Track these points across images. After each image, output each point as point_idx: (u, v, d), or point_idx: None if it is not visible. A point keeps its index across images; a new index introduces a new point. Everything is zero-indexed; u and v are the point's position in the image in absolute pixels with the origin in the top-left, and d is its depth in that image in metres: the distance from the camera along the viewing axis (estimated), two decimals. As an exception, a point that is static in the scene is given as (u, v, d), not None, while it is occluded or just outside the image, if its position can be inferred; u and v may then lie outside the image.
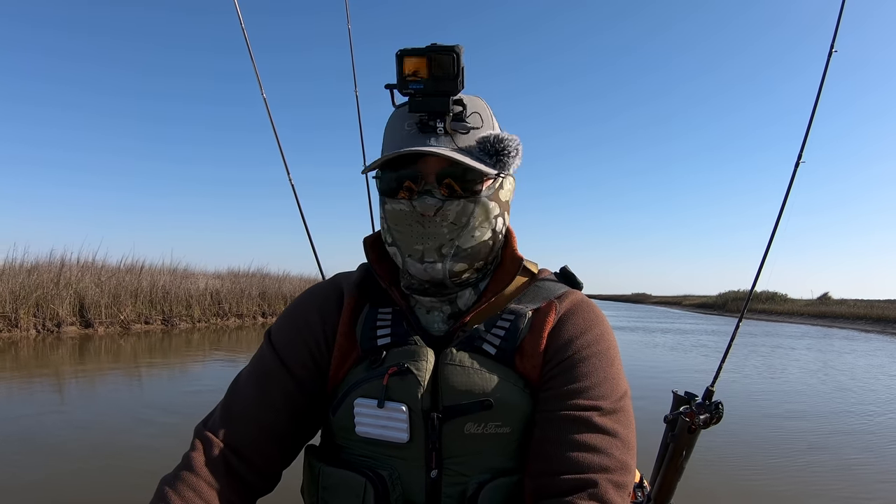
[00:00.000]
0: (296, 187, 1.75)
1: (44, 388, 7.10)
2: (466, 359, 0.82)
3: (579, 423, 0.78)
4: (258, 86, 1.71)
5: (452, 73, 0.78)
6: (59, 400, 6.58)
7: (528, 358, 0.84)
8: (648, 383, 7.60)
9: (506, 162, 0.83)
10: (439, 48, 0.78)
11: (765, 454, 4.74)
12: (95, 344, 11.32)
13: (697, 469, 1.50)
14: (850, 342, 17.31)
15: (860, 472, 4.43)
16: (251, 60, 1.67)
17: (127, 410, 5.89)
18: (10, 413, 5.72)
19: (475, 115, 0.84)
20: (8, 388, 7.06)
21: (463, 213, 0.82)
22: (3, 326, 11.53)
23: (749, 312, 1.73)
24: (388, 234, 0.87)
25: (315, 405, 0.90)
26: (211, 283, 16.16)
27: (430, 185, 0.81)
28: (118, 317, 13.35)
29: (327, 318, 0.90)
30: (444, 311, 0.88)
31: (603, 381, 0.81)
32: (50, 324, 12.26)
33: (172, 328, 14.19)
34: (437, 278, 0.83)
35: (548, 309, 0.87)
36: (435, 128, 0.80)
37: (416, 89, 0.80)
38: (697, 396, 1.49)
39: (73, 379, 7.72)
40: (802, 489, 4.00)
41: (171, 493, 0.78)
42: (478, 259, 0.86)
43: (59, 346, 10.93)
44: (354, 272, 0.97)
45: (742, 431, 5.36)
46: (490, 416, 0.80)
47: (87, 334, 12.46)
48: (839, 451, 4.99)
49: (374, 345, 0.85)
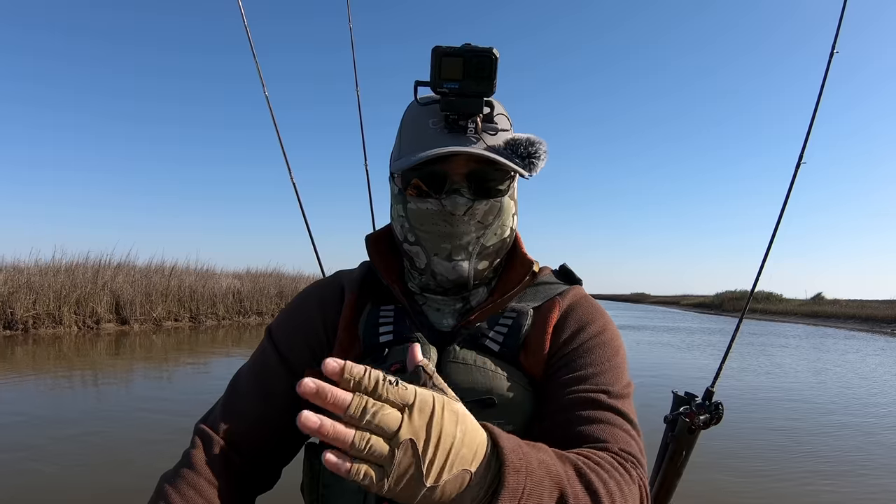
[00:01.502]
0: (299, 190, 1.71)
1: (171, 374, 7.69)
2: (470, 356, 0.78)
3: (589, 404, 0.75)
4: (261, 85, 1.67)
5: (489, 75, 0.76)
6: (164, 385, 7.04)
7: (532, 355, 0.80)
8: (650, 381, 7.48)
9: (536, 164, 0.80)
10: (477, 49, 0.76)
11: (764, 454, 4.62)
12: (142, 339, 11.59)
13: (697, 469, 1.43)
14: (838, 341, 17.03)
15: (860, 472, 4.30)
16: (254, 60, 1.62)
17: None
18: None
19: (502, 116, 0.82)
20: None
21: (490, 212, 0.80)
22: (48, 323, 11.83)
23: (747, 312, 1.64)
24: (409, 234, 0.83)
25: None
26: (231, 282, 16.39)
27: (459, 184, 0.78)
28: (151, 314, 13.52)
29: (328, 315, 0.87)
30: (456, 307, 0.85)
31: (609, 370, 0.78)
32: (90, 321, 12.49)
33: (199, 325, 14.39)
34: (464, 276, 0.81)
35: (551, 306, 0.84)
36: (465, 128, 0.77)
37: (451, 89, 0.76)
38: (697, 397, 1.43)
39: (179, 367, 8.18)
40: (802, 489, 3.88)
41: (170, 491, 0.74)
42: (497, 257, 0.84)
43: (113, 340, 11.20)
44: (355, 269, 0.93)
45: (742, 431, 5.23)
46: (493, 414, 0.75)
47: (124, 330, 12.71)
48: (839, 450, 4.85)
49: (377, 342, 0.81)
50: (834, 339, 17.80)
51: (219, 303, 15.15)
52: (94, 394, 6.71)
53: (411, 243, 0.83)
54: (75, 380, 7.36)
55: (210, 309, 14.91)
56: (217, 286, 15.54)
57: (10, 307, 11.40)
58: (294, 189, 1.69)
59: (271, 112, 1.66)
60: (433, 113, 0.79)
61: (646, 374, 8.31)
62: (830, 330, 21.51)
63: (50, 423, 5.07)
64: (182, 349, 10.66)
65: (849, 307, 29.47)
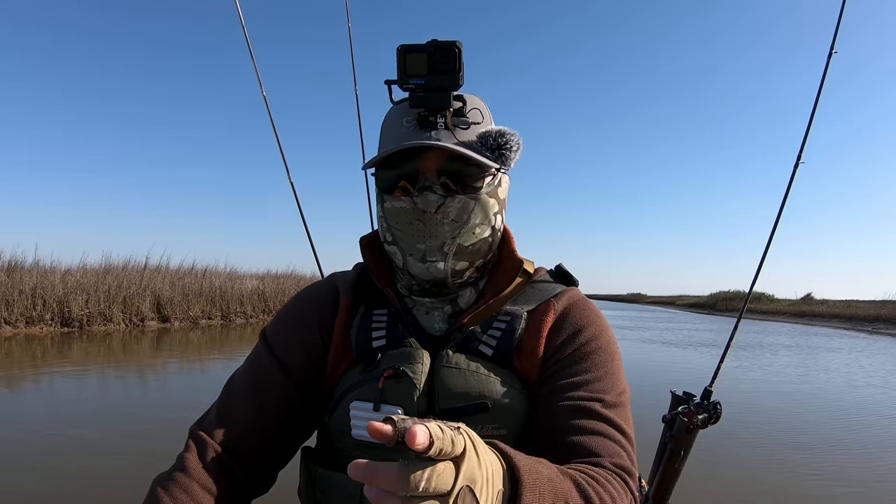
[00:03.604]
0: (298, 191, 1.62)
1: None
2: (462, 361, 0.73)
3: (583, 412, 0.70)
4: (259, 85, 1.59)
5: (454, 69, 0.71)
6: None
7: (526, 358, 0.75)
8: (648, 380, 7.29)
9: (507, 157, 0.75)
10: (440, 43, 0.71)
11: (764, 454, 4.42)
12: (180, 336, 11.77)
13: (695, 469, 1.34)
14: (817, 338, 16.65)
15: (858, 472, 4.12)
16: (252, 60, 1.55)
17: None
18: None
19: (475, 110, 0.76)
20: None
21: (464, 209, 0.73)
22: (100, 321, 12.18)
23: (736, 312, 1.54)
24: (387, 233, 0.77)
25: (311, 405, 0.80)
26: (254, 283, 16.55)
27: (431, 181, 0.72)
28: (188, 313, 13.73)
29: (323, 318, 0.81)
30: (445, 311, 0.79)
31: (604, 377, 0.74)
32: (136, 318, 12.78)
33: (230, 323, 14.58)
34: (440, 277, 0.75)
35: (545, 309, 0.78)
36: (435, 123, 0.72)
37: (417, 84, 0.72)
38: (696, 396, 1.34)
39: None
40: (803, 489, 3.71)
41: (163, 495, 0.68)
42: (478, 257, 0.77)
43: (155, 337, 11.41)
44: (349, 272, 0.87)
45: (741, 431, 5.00)
46: (486, 418, 0.71)
47: (165, 328, 13.00)
48: (838, 449, 4.65)
49: (370, 347, 0.76)
50: (817, 336, 17.45)
51: (246, 302, 15.38)
52: (156, 387, 6.78)
53: (389, 243, 0.78)
54: (131, 373, 7.51)
55: (239, 308, 15.15)
56: (244, 287, 15.78)
57: (67, 306, 11.74)
58: (293, 190, 1.61)
59: (269, 113, 1.59)
60: (407, 111, 0.75)
61: (644, 374, 8.07)
62: (814, 329, 21.14)
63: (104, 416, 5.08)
64: (213, 346, 10.82)
65: (835, 307, 29.01)
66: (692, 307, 41.74)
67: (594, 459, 0.67)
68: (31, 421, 4.80)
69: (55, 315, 11.60)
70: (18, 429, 4.51)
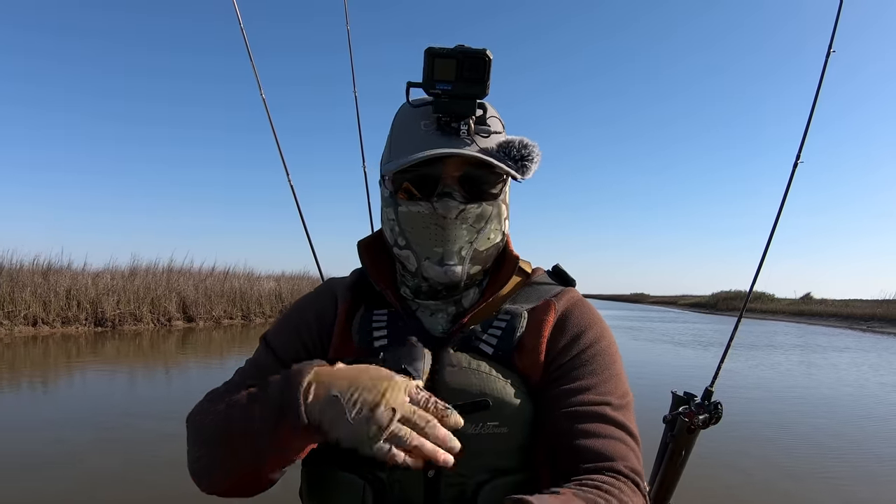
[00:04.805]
0: (298, 192, 1.58)
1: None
2: (464, 359, 0.71)
3: (593, 416, 0.68)
4: (258, 87, 1.56)
5: (482, 78, 0.68)
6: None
7: (527, 357, 0.73)
8: (649, 380, 7.15)
9: (528, 167, 0.72)
10: (470, 51, 0.68)
11: (765, 454, 4.31)
12: (205, 335, 11.93)
13: (696, 469, 1.28)
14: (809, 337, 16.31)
15: (860, 472, 4.00)
16: (250, 61, 1.52)
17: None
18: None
19: (494, 119, 0.74)
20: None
21: (482, 215, 0.72)
22: (131, 321, 12.40)
23: (737, 311, 1.47)
24: (399, 237, 0.74)
25: None
26: (271, 284, 16.62)
27: (451, 187, 0.70)
28: (211, 313, 13.87)
29: (324, 320, 0.79)
30: (449, 312, 0.77)
31: (609, 379, 0.72)
32: (163, 318, 12.95)
33: (249, 322, 14.72)
34: (456, 281, 0.73)
35: (546, 308, 0.76)
36: (458, 130, 0.69)
37: (444, 90, 0.68)
38: (696, 396, 1.30)
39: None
40: (805, 489, 3.60)
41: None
42: (489, 261, 0.76)
43: (181, 336, 11.58)
44: (346, 277, 0.85)
45: (741, 431, 4.88)
46: (487, 416, 0.68)
47: (191, 327, 13.17)
48: (837, 449, 4.53)
49: (371, 346, 0.74)
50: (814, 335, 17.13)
51: (265, 302, 15.48)
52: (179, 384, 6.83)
53: (401, 247, 0.75)
54: (157, 370, 7.61)
55: (258, 308, 15.25)
56: (262, 288, 15.86)
57: (100, 307, 11.95)
58: (292, 190, 1.58)
59: (268, 113, 1.55)
60: (425, 115, 0.71)
61: (644, 374, 7.90)
62: (812, 328, 20.78)
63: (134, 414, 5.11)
64: (234, 343, 10.90)
65: (833, 306, 28.61)
66: (694, 307, 41.26)
67: (608, 464, 0.65)
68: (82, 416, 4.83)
69: (89, 315, 11.82)
70: (67, 427, 4.52)
